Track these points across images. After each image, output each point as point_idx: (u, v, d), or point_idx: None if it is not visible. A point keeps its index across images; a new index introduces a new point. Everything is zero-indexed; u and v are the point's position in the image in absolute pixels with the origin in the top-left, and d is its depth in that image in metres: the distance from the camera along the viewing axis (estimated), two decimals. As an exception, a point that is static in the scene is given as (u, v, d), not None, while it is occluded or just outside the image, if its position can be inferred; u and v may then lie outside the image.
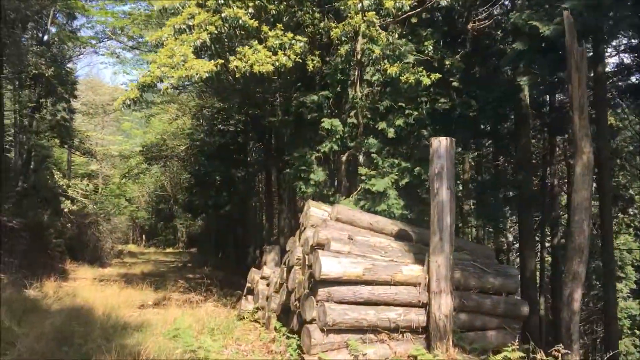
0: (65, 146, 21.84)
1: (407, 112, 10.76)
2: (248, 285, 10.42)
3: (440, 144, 6.88)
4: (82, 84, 36.20)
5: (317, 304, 6.65)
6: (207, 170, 23.30)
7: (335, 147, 11.66)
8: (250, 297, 10.17)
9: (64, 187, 18.76)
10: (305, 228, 8.06)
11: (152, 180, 37.93)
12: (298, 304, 7.38)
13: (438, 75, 9.68)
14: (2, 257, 16.03)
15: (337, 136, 11.56)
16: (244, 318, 9.68)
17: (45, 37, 20.48)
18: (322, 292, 6.62)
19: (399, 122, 10.76)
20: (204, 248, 33.70)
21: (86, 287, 14.57)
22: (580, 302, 7.15)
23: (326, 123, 11.42)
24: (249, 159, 24.65)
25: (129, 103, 9.41)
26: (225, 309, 12.17)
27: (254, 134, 22.34)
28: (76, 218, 20.99)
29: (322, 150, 11.74)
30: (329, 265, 6.54)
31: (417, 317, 6.87)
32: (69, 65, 22.08)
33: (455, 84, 10.93)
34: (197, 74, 8.98)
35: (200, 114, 19.27)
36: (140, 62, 20.72)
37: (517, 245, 23.61)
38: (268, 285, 9.68)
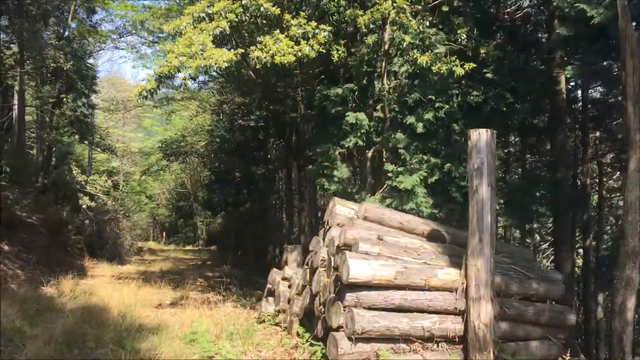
0: (86, 142, 21.55)
1: (437, 105, 10.11)
2: (269, 286, 9.87)
3: (480, 136, 6.24)
4: (104, 81, 36.14)
5: (344, 310, 6.07)
6: (226, 167, 22.87)
7: (360, 143, 11.07)
8: (271, 299, 9.62)
9: (82, 183, 18.43)
10: (330, 227, 7.47)
11: (172, 177, 37.67)
12: (323, 309, 6.80)
13: (472, 65, 9.02)
14: (21, 253, 15.75)
15: (362, 131, 10.97)
16: (264, 321, 9.14)
17: (66, 33, 20.20)
18: (349, 297, 6.03)
19: (429, 115, 10.11)
20: (224, 246, 33.33)
21: (103, 285, 14.17)
22: (633, 311, 6.46)
23: (351, 117, 10.84)
24: (269, 156, 24.13)
25: (145, 94, 8.93)
26: (244, 310, 11.68)
27: (274, 131, 21.81)
28: (95, 215, 20.70)
29: (346, 146, 11.17)
30: (357, 268, 5.95)
31: (453, 325, 6.24)
32: (90, 61, 21.83)
33: (488, 75, 10.24)
34: (215, 63, 8.45)
35: (220, 110, 18.77)
36: (160, 55, 20.30)
37: (544, 246, 22.79)
38: (290, 286, 9.13)
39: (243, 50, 8.69)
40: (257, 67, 9.12)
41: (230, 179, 22.93)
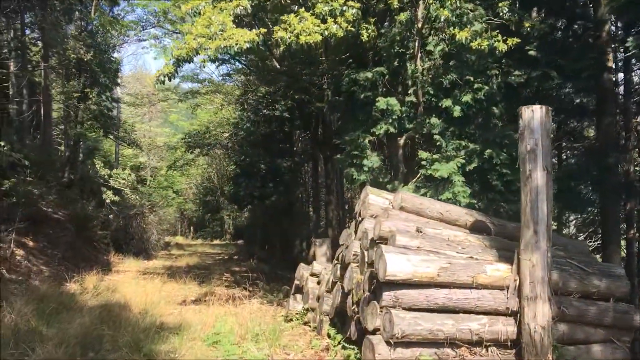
0: (110, 136, 21.22)
1: (475, 86, 9.27)
2: (296, 282, 9.22)
3: (534, 114, 5.45)
4: (130, 77, 36.01)
5: (381, 311, 5.37)
6: (252, 160, 22.29)
7: (392, 129, 10.31)
8: (299, 296, 8.97)
9: (105, 177, 18.06)
10: (362, 219, 6.76)
11: (199, 172, 37.39)
12: (357, 309, 6.11)
13: (516, 40, 8.17)
14: (46, 249, 15.45)
15: (393, 117, 10.22)
16: (292, 320, 8.50)
17: (90, 27, 19.84)
18: (387, 296, 5.33)
19: (467, 98, 9.29)
20: (250, 240, 32.90)
21: (128, 281, 13.76)
22: None
23: (381, 102, 10.08)
24: (295, 148, 23.48)
25: (163, 79, 8.33)
26: (271, 307, 11.06)
27: (299, 123, 21.17)
28: (121, 209, 20.36)
29: (376, 133, 10.43)
30: (396, 264, 5.24)
31: (505, 328, 5.49)
32: (115, 55, 21.48)
33: (531, 52, 9.36)
34: (236, 44, 7.80)
35: (244, 99, 18.15)
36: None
37: (581, 237, 21.64)
38: (319, 283, 8.46)
39: (265, 30, 8.01)
40: (281, 47, 8.42)
41: (255, 172, 22.36)
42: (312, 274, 8.69)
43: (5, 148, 13.33)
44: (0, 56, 20.04)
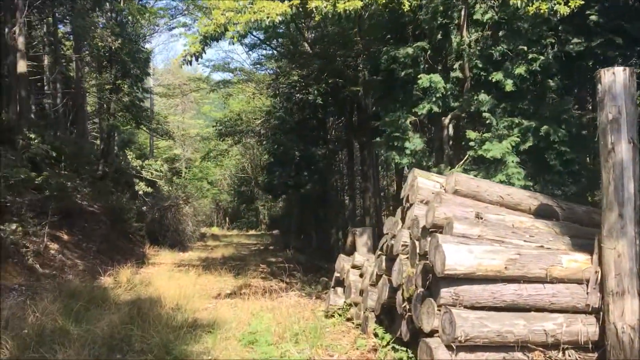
0: (142, 127, 20.89)
1: (529, 57, 8.33)
2: (336, 275, 8.52)
3: (615, 77, 4.59)
4: (162, 70, 35.82)
5: (439, 310, 4.62)
6: (285, 148, 21.62)
7: (435, 109, 9.46)
8: (339, 290, 8.27)
9: (138, 168, 17.71)
10: (411, 204, 6.00)
11: (233, 162, 37.04)
12: (408, 307, 5.37)
13: (579, 2, 7.20)
14: (81, 242, 15.19)
15: (437, 95, 9.36)
16: (333, 316, 7.82)
17: (119, 18, 19.48)
18: (446, 293, 4.57)
19: (520, 70, 8.37)
20: (285, 230, 32.41)
21: (162, 274, 13.33)
22: None
23: (424, 80, 9.24)
24: (328, 136, 22.69)
25: (190, 59, 7.69)
26: (310, 300, 10.43)
27: (333, 109, 20.42)
28: (156, 201, 20.05)
29: (419, 113, 9.60)
30: (456, 256, 4.48)
31: (585, 328, 4.67)
32: (146, 46, 21.10)
33: (593, 17, 8.36)
34: (267, 17, 7.09)
35: (277, 84, 17.42)
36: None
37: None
38: (361, 275, 7.74)
39: (299, 1, 7.27)
40: (316, 18, 7.65)
41: (289, 161, 21.70)
42: (354, 266, 7.97)
43: (36, 141, 13.02)
44: (34, 50, 19.91)
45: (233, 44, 7.37)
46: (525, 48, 8.45)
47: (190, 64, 7.84)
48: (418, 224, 5.49)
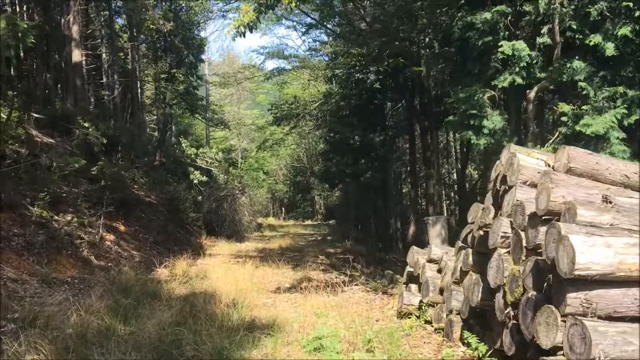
0: (198, 116, 20.40)
1: (637, 14, 6.96)
2: (409, 270, 7.46)
3: None
4: (217, 62, 35.49)
5: (564, 321, 3.50)
6: (342, 136, 20.58)
7: (519, 80, 8.20)
8: (413, 287, 7.21)
9: (192, 156, 17.17)
10: (509, 187, 4.86)
11: (288, 152, 36.40)
12: (513, 313, 4.28)
13: None
14: (137, 233, 14.79)
15: (520, 65, 8.10)
16: (408, 316, 6.78)
17: (173, 6, 18.97)
18: (574, 299, 3.46)
19: (624, 31, 7.01)
20: (342, 220, 31.50)
21: (219, 265, 12.66)
22: None
23: (506, 47, 7.99)
24: (387, 122, 21.46)
25: (243, 30, 6.79)
26: (376, 296, 9.45)
27: (392, 93, 19.24)
28: (212, 192, 19.53)
29: (499, 87, 8.36)
30: (589, 251, 3.36)
31: None
32: (201, 34, 20.58)
33: None
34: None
35: (335, 65, 16.32)
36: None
37: None
38: (440, 271, 6.65)
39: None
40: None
41: (346, 149, 20.69)
42: (430, 260, 6.89)
43: (90, 129, 12.60)
44: (90, 41, 19.76)
45: (291, 9, 6.40)
46: (631, 4, 7.05)
47: (244, 36, 6.95)
48: (523, 210, 4.36)
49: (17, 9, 17.99)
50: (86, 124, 12.23)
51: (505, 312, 4.40)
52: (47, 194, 11.05)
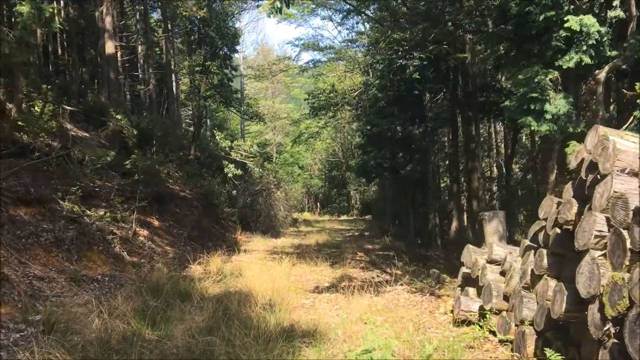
0: (232, 109, 19.85)
1: None
2: (465, 271, 6.62)
3: None
4: (252, 57, 34.99)
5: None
6: (380, 128, 19.68)
7: (587, 60, 7.26)
8: (471, 291, 6.38)
9: (227, 149, 16.59)
10: (603, 176, 3.98)
11: (324, 146, 35.64)
12: (616, 331, 3.42)
13: None
14: (172, 228, 14.31)
15: (589, 42, 7.12)
16: (464, 323, 5.95)
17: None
18: None
19: None
20: (379, 215, 30.59)
21: (254, 262, 12.04)
22: None
23: (572, 23, 7.06)
24: (426, 113, 20.40)
25: (280, 5, 6.06)
26: (422, 297, 8.65)
27: (432, 84, 18.27)
28: (247, 186, 18.97)
29: (564, 67, 7.41)
30: None
31: None
32: (235, 24, 20.02)
33: None
34: None
35: (376, 50, 15.37)
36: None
37: None
38: (503, 274, 5.80)
39: None
40: None
41: (384, 142, 19.77)
42: (491, 261, 6.03)
43: (122, 122, 12.13)
44: (125, 34, 19.47)
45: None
46: None
47: (280, 12, 6.21)
48: (626, 204, 3.50)
49: (54, 3, 17.83)
50: (118, 116, 11.73)
51: (604, 329, 3.55)
52: (79, 188, 10.61)
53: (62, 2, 17.64)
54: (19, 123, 10.89)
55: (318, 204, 43.02)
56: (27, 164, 9.22)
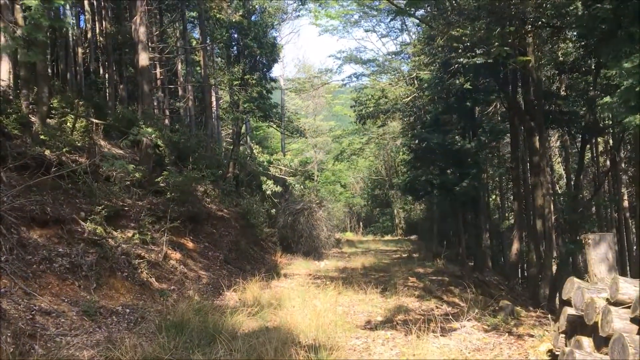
0: (271, 124, 18.62)
1: None
2: (573, 313, 4.95)
3: None
4: (293, 73, 33.96)
5: None
6: (428, 143, 18.00)
7: None
8: (585, 342, 4.68)
9: (265, 163, 15.27)
10: None
11: (366, 164, 34.04)
12: None
13: None
14: (207, 250, 13.04)
15: None
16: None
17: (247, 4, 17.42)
18: None
19: None
20: (425, 235, 28.69)
21: (295, 290, 10.58)
22: None
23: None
24: (483, 125, 18.53)
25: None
26: (500, 339, 6.97)
27: (484, 94, 16.60)
28: (288, 204, 17.61)
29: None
30: None
31: None
32: (274, 35, 18.96)
33: None
34: None
35: (432, 47, 13.69)
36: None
37: None
38: (635, 321, 4.11)
39: None
40: None
41: (434, 157, 18.12)
42: (616, 302, 4.35)
43: (153, 135, 11.00)
44: (165, 53, 18.68)
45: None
46: None
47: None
48: None
49: (90, 18, 17.21)
50: (148, 129, 10.59)
51: None
52: (105, 207, 9.46)
53: (94, 15, 17.09)
54: (42, 137, 9.89)
55: (360, 223, 41.27)
56: (38, 180, 8.06)
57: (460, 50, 10.24)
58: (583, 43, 12.48)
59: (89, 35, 17.26)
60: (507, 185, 26.86)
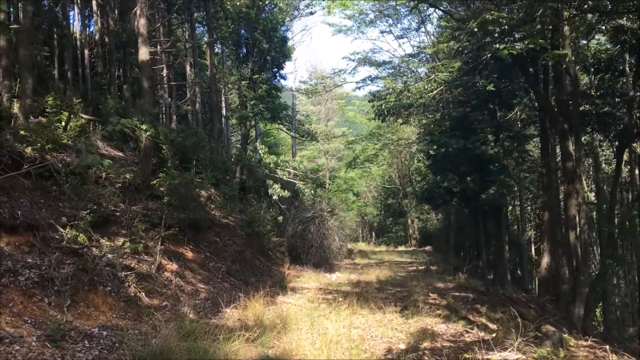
0: (280, 125, 17.33)
1: None
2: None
3: None
4: (304, 78, 32.84)
5: None
6: (447, 149, 16.58)
7: None
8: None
9: (271, 166, 13.95)
10: None
11: (379, 172, 32.61)
12: None
13: None
14: (208, 261, 11.75)
15: None
16: None
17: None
18: None
19: None
20: (441, 246, 27.19)
21: (303, 308, 9.24)
22: None
23: None
24: (500, 134, 17.10)
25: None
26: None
27: (503, 97, 15.25)
28: (298, 212, 16.28)
29: None
30: None
31: None
32: (285, 30, 17.78)
33: None
34: None
35: (459, 35, 12.33)
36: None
37: None
38: None
39: None
40: None
41: (453, 162, 16.72)
42: None
43: (147, 133, 9.77)
44: (175, 58, 17.60)
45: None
46: None
47: None
48: None
49: (98, 20, 16.19)
50: (143, 126, 9.36)
51: None
52: (92, 211, 8.24)
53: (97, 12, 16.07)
54: (22, 133, 8.70)
55: (373, 233, 39.76)
56: (4, 176, 6.81)
57: (496, 35, 8.89)
58: (622, 39, 11.20)
59: (97, 37, 16.28)
60: (528, 194, 25.33)
